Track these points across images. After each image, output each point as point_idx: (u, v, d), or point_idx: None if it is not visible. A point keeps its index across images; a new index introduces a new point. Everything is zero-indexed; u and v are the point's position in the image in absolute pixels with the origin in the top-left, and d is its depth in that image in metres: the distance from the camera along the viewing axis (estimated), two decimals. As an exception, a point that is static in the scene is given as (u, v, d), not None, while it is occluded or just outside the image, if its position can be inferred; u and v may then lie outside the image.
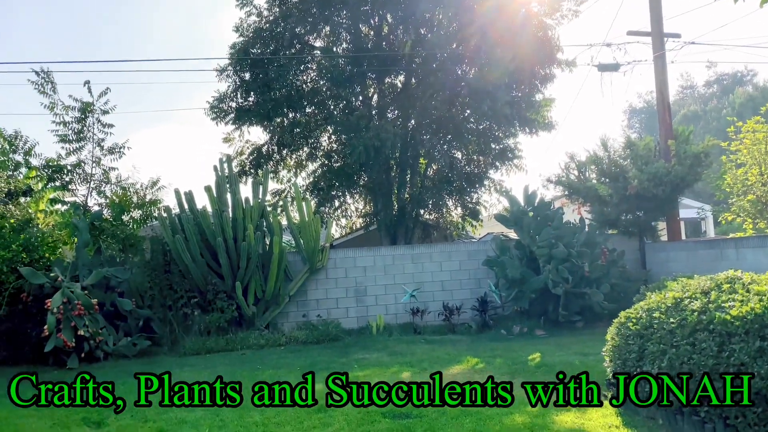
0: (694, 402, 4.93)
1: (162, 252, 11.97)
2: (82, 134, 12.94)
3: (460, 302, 13.19)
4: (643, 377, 5.47)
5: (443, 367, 8.45)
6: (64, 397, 7.70)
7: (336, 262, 13.45)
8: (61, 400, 7.48)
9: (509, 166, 17.57)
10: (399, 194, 17.08)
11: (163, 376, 8.62)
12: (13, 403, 7.44)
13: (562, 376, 7.33)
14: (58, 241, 11.55)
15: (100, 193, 13.15)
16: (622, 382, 5.79)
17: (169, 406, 6.93)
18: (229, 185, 12.63)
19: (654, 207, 12.76)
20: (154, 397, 7.41)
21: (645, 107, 56.55)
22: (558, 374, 7.42)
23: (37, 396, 7.74)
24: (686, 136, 13.12)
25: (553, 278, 11.41)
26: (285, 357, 10.18)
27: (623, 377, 5.80)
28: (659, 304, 5.85)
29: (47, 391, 7.98)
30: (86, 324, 10.23)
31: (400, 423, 5.68)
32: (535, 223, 12.24)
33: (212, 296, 11.86)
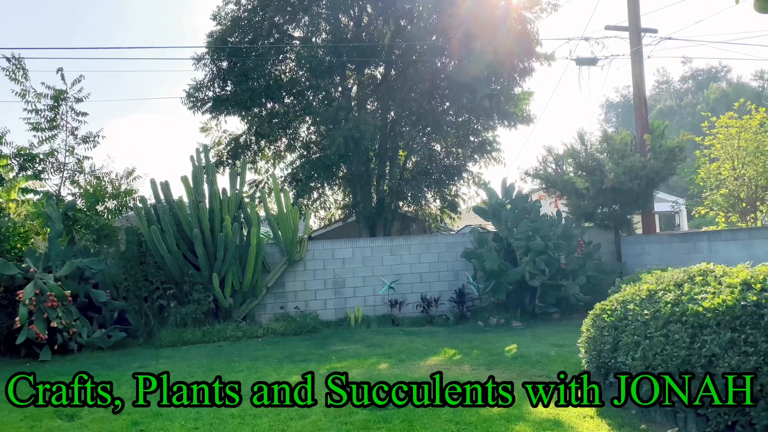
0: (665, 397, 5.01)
1: (137, 243, 11.80)
2: (54, 122, 12.68)
3: (438, 294, 13.25)
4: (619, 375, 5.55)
5: (421, 359, 8.48)
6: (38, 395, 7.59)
7: (314, 253, 13.40)
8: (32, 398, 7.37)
9: (488, 159, 17.66)
10: (378, 186, 17.06)
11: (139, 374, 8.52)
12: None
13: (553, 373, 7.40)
14: (30, 232, 11.33)
15: (74, 182, 12.91)
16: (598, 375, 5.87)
17: (145, 405, 6.86)
18: (206, 175, 12.49)
19: (629, 200, 12.93)
20: (127, 390, 7.32)
21: (622, 102, 57.23)
22: (559, 374, 7.48)
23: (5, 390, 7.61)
24: (662, 131, 13.30)
25: (530, 270, 11.51)
26: (262, 348, 10.13)
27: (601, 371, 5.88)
28: (634, 296, 5.94)
29: (14, 386, 7.84)
30: (59, 315, 10.07)
31: (377, 414, 5.69)
32: (512, 215, 12.31)
33: (189, 288, 11.75)
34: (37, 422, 6.06)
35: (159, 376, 7.88)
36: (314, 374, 7.66)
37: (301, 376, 7.60)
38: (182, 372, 8.32)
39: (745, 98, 14.81)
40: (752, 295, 4.74)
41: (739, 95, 25.19)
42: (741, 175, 12.95)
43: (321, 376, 7.61)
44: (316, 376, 7.57)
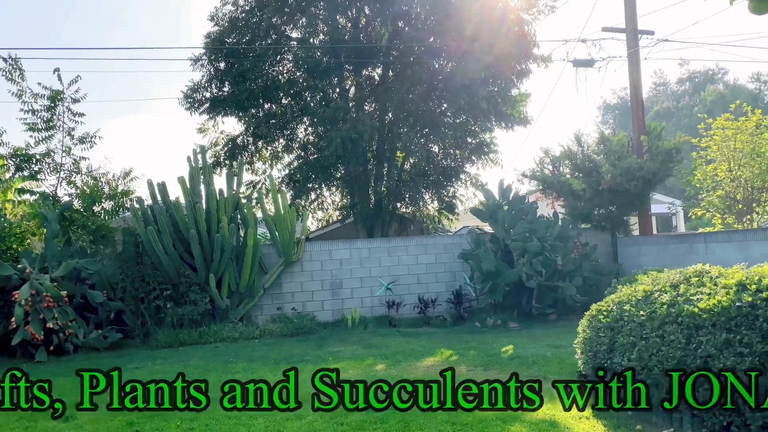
0: (664, 397, 5.01)
1: (134, 244, 11.78)
2: (51, 123, 12.66)
3: (435, 295, 13.25)
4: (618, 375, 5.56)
5: (417, 360, 8.48)
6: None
7: (312, 254, 13.39)
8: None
9: (485, 161, 17.67)
10: (376, 187, 17.05)
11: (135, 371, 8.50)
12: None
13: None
14: (26, 232, 11.31)
15: (71, 183, 12.88)
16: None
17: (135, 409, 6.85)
18: (203, 176, 12.48)
19: (626, 202, 12.95)
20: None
21: (619, 103, 57.33)
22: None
23: (3, 390, 7.59)
24: (658, 132, 13.33)
25: (526, 271, 11.52)
26: (259, 349, 10.12)
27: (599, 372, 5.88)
28: (630, 297, 5.94)
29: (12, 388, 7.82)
30: (55, 316, 10.05)
31: (374, 415, 5.68)
32: (509, 216, 12.32)
33: (185, 289, 11.73)
34: (32, 423, 6.05)
35: (147, 383, 7.85)
36: (307, 374, 7.66)
37: (287, 375, 7.59)
38: (177, 373, 8.29)
39: (741, 100, 14.87)
40: (747, 296, 4.75)
41: (736, 97, 25.25)
42: (737, 176, 12.98)
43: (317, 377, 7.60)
44: (312, 378, 7.56)
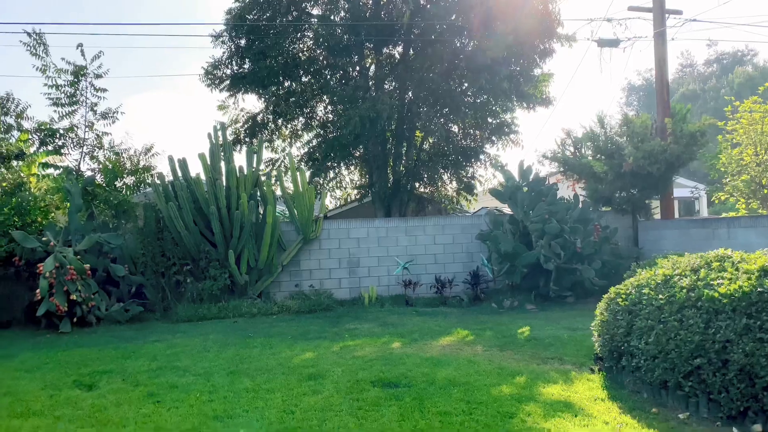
0: (679, 377, 4.99)
1: (155, 219, 11.93)
2: (74, 98, 12.80)
3: (452, 275, 13.26)
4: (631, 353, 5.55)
5: (433, 339, 8.53)
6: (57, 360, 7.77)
7: (329, 233, 13.45)
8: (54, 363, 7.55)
9: (505, 141, 17.53)
10: (394, 167, 17.03)
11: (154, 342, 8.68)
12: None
13: (550, 349, 7.42)
14: (50, 206, 11.49)
15: (93, 158, 13.06)
16: (609, 357, 5.87)
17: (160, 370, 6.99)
18: (223, 153, 12.54)
19: (648, 185, 12.78)
20: (145, 362, 7.47)
21: (643, 85, 56.28)
22: (546, 348, 7.50)
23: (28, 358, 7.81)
24: (683, 115, 13.08)
25: (545, 253, 11.47)
26: (277, 325, 10.25)
27: (610, 352, 5.87)
28: (649, 281, 5.89)
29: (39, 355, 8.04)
30: (78, 289, 10.24)
31: (389, 392, 5.74)
32: (529, 198, 12.24)
33: (205, 264, 11.87)
34: (56, 391, 6.20)
35: (175, 350, 8.00)
36: (324, 350, 7.75)
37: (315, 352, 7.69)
38: (198, 346, 8.45)
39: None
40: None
41: (765, 79, 24.59)
42: (764, 160, 12.73)
43: (334, 353, 7.69)
44: (329, 354, 7.65)
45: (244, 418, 5.04)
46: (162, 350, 8.24)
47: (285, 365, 7.06)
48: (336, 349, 8.01)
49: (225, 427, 4.84)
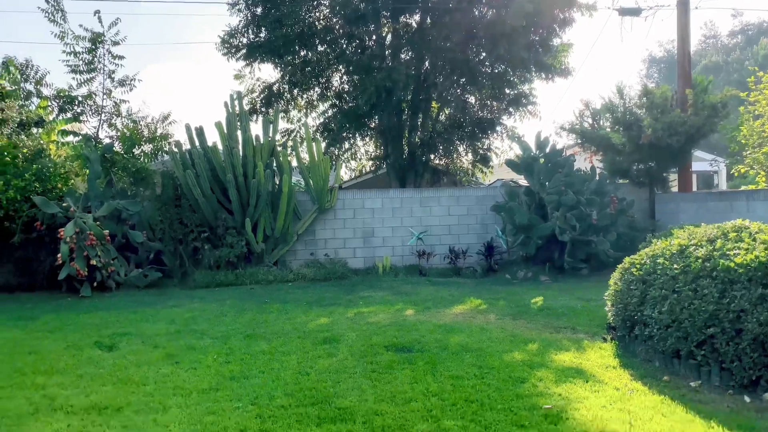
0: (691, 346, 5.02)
1: (173, 186, 12.06)
2: (92, 65, 12.86)
3: (466, 246, 13.30)
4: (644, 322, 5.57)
5: (446, 307, 8.60)
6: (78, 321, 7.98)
7: (344, 203, 13.51)
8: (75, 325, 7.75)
9: (523, 112, 17.35)
10: (410, 138, 16.95)
11: (173, 306, 8.85)
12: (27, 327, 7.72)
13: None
14: (70, 173, 11.65)
15: (111, 125, 13.18)
16: (622, 326, 5.89)
17: (178, 333, 7.15)
18: (239, 122, 12.58)
19: (667, 157, 12.63)
20: (163, 326, 7.63)
21: (665, 57, 55.11)
22: (559, 317, 7.54)
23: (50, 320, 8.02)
24: (705, 86, 12.84)
25: (560, 225, 11.44)
26: (293, 292, 10.39)
27: (623, 321, 5.90)
28: (664, 251, 5.88)
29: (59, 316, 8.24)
30: (98, 254, 10.44)
31: (402, 356, 5.83)
32: (545, 169, 12.17)
33: (222, 231, 12.01)
34: (78, 351, 6.37)
35: (193, 314, 8.16)
36: (339, 315, 7.87)
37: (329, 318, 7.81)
38: (215, 311, 8.61)
39: (796, 54, 14.14)
40: (787, 251, 4.65)
41: (791, 52, 23.92)
42: (786, 133, 12.51)
43: (348, 319, 7.80)
44: (344, 320, 7.77)
45: (260, 379, 5.16)
46: (180, 314, 8.41)
47: (300, 330, 7.18)
48: (350, 315, 8.12)
49: (241, 387, 4.96)
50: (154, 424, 4.13)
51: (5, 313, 8.94)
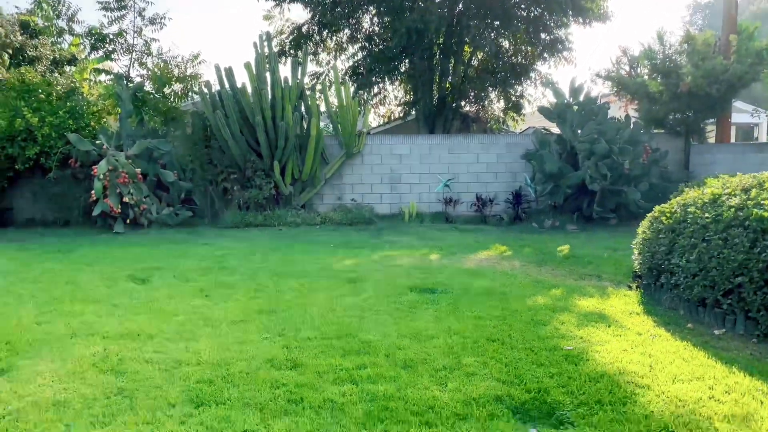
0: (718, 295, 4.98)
1: (203, 127, 12.15)
2: (123, 2, 12.81)
3: (493, 194, 13.22)
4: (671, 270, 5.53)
5: (471, 253, 8.64)
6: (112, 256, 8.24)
7: (372, 148, 13.47)
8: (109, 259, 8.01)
9: (558, 59, 16.88)
10: (440, 83, 16.68)
11: (203, 244, 9.06)
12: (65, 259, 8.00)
13: (588, 266, 7.45)
14: (102, 111, 11.80)
15: (142, 64, 13.23)
16: (648, 274, 5.86)
17: (208, 269, 7.35)
18: (268, 64, 12.49)
19: (705, 106, 12.23)
20: (194, 262, 7.84)
21: (710, 2, 52.57)
22: (585, 265, 7.53)
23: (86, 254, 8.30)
24: (750, 33, 12.27)
25: (591, 174, 11.27)
26: (320, 235, 10.53)
27: (650, 269, 5.86)
28: (696, 200, 5.77)
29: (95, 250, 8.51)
30: (131, 191, 10.66)
31: (426, 297, 5.92)
32: (578, 117, 11.91)
33: (251, 173, 12.13)
34: (113, 283, 6.61)
35: (222, 252, 8.35)
36: (365, 258, 7.97)
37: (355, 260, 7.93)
38: (244, 250, 8.79)
39: None
40: (824, 201, 4.53)
41: None
42: (834, 84, 11.96)
43: (374, 261, 7.91)
44: (369, 262, 7.87)
45: (287, 313, 5.30)
46: (210, 252, 8.62)
47: (327, 270, 7.31)
48: (376, 257, 8.22)
49: (269, 320, 5.10)
50: (185, 350, 4.30)
51: (44, 245, 9.28)
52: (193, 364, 4.03)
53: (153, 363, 4.05)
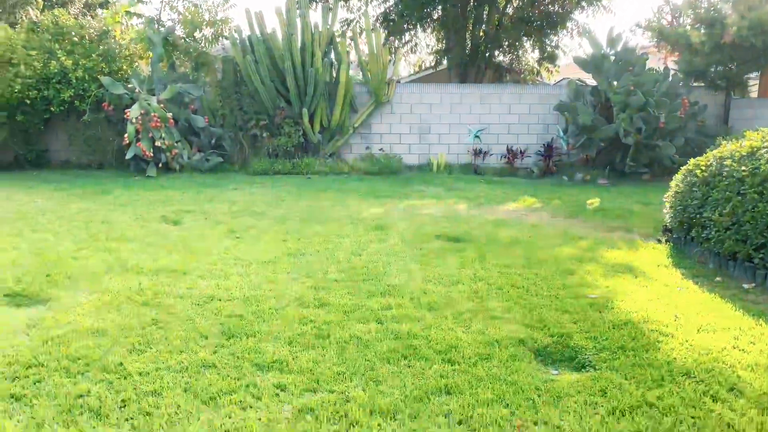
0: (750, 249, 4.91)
1: (233, 72, 12.13)
2: (154, -55, 12.65)
3: (525, 146, 13.04)
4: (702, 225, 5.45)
5: (499, 204, 8.61)
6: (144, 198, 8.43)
7: (402, 97, 13.31)
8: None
9: (597, 7, 16.30)
10: (473, 31, 16.28)
11: (233, 188, 9.19)
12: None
13: (618, 219, 7.38)
14: (134, 55, 11.83)
15: (173, 8, 13.14)
16: (679, 227, 5.79)
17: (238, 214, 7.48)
18: (298, 9, 12.32)
19: (749, 59, 11.74)
20: (225, 206, 7.98)
21: (764, -49, 49.69)
22: (614, 218, 7.46)
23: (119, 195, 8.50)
24: (804, -19, 11.63)
25: (625, 127, 11.02)
26: (348, 183, 10.58)
27: (681, 222, 5.79)
28: (733, 153, 5.62)
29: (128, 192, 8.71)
30: (162, 136, 10.79)
31: (452, 245, 5.95)
32: (615, 68, 11.57)
33: (280, 120, 12.14)
34: (146, 224, 6.78)
35: (252, 197, 8.46)
36: (392, 206, 8.01)
37: (383, 208, 7.97)
38: (273, 196, 8.90)
39: None
40: None
41: None
42: None
43: (400, 210, 7.94)
44: (396, 210, 7.91)
45: (315, 257, 5.39)
46: (240, 197, 8.75)
47: (354, 217, 7.38)
48: (403, 206, 8.26)
49: (298, 262, 5.21)
50: (216, 287, 4.43)
51: (80, 187, 9.52)
52: (225, 299, 4.16)
53: (185, 298, 4.19)
